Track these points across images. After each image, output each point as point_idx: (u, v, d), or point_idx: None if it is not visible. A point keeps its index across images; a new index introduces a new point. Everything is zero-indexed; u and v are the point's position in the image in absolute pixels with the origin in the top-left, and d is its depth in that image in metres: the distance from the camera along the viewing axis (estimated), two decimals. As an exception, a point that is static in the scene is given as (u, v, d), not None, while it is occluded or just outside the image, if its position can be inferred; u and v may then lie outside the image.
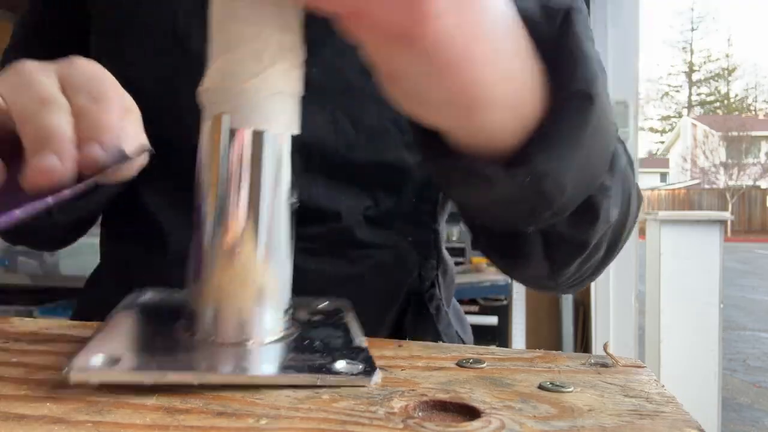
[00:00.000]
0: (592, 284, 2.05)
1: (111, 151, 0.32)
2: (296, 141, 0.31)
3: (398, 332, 0.55)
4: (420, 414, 0.25)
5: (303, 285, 0.51)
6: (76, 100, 0.34)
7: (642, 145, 38.80)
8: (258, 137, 0.28)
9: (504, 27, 0.30)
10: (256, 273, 0.29)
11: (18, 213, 0.28)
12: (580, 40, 0.33)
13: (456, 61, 0.27)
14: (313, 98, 0.49)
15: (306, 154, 0.48)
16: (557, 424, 0.23)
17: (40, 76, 0.35)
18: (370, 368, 0.28)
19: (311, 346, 0.30)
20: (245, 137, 0.28)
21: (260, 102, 0.28)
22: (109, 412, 0.24)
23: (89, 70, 0.36)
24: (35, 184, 0.30)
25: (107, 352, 0.27)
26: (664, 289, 2.12)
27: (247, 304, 0.29)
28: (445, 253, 0.59)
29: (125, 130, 0.34)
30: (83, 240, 0.60)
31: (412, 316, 0.55)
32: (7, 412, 0.24)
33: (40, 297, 1.92)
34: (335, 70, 0.48)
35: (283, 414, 0.24)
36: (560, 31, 0.33)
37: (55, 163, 0.30)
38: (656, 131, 39.29)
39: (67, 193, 0.30)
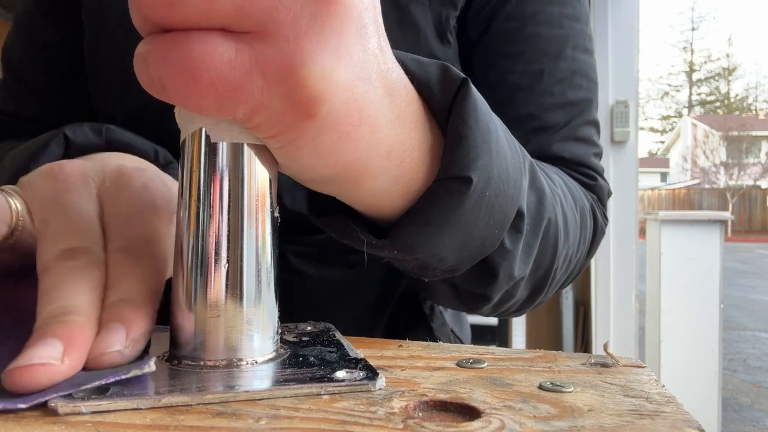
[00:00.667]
0: (593, 284, 2.05)
1: (137, 345, 0.27)
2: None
3: (392, 333, 0.55)
4: (420, 414, 0.25)
5: (302, 290, 0.52)
6: (113, 249, 0.30)
7: (642, 144, 38.80)
8: (236, 150, 0.27)
9: (390, 101, 0.27)
10: (243, 291, 0.28)
11: None
12: (468, 114, 0.30)
13: (338, 143, 0.26)
14: None
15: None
16: (557, 424, 0.23)
17: (79, 198, 0.31)
18: (372, 374, 0.27)
19: (307, 362, 0.29)
20: (223, 151, 0.27)
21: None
22: (109, 412, 0.24)
23: (137, 200, 0.32)
24: (18, 383, 0.23)
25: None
26: (665, 289, 2.12)
27: (236, 326, 0.28)
28: None
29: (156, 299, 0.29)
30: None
31: (406, 317, 0.56)
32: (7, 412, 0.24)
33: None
34: None
35: (283, 414, 0.24)
36: (453, 104, 0.31)
37: (53, 361, 0.24)
38: (656, 131, 39.31)
39: (43, 396, 0.23)
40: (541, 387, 0.28)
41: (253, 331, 0.28)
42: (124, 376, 0.25)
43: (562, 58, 0.52)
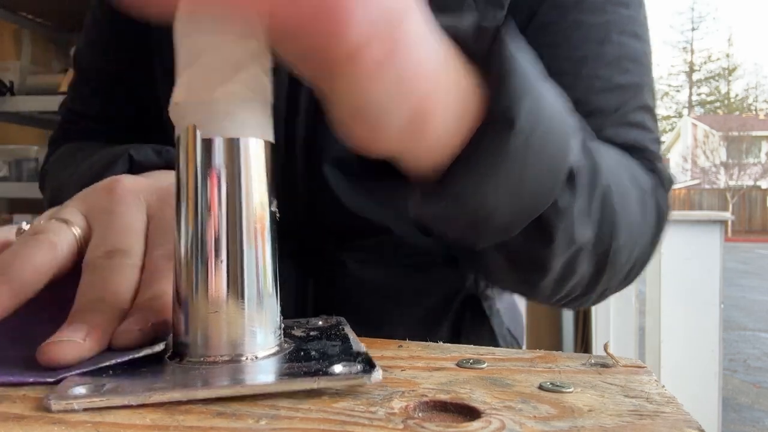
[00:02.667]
0: (593, 284, 2.05)
1: (156, 330, 0.30)
2: (340, 157, 0.29)
3: (455, 336, 0.55)
4: (420, 414, 0.25)
5: (362, 296, 0.52)
6: (153, 255, 0.33)
7: (642, 145, 38.59)
8: (231, 144, 0.27)
9: (431, 47, 0.29)
10: (243, 286, 0.28)
11: None
12: (506, 60, 0.31)
13: (400, 80, 0.27)
14: None
15: (350, 169, 0.50)
16: (557, 425, 0.23)
17: (130, 209, 0.34)
18: (369, 367, 0.27)
19: (308, 356, 0.29)
20: (218, 146, 0.27)
21: (229, 111, 0.27)
22: (109, 412, 0.24)
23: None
24: (47, 358, 0.27)
25: (90, 378, 0.26)
26: (665, 289, 2.12)
27: (237, 322, 0.28)
28: None
29: None
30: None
31: (470, 321, 0.56)
32: (7, 412, 0.24)
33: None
34: None
35: (282, 414, 0.24)
36: (490, 51, 0.32)
37: (78, 339, 0.28)
38: (656, 131, 39.22)
39: (69, 372, 0.27)
40: (541, 387, 0.28)
41: (254, 327, 0.28)
42: (136, 355, 0.28)
43: (607, 42, 0.50)
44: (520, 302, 0.70)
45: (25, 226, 0.35)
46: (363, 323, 0.42)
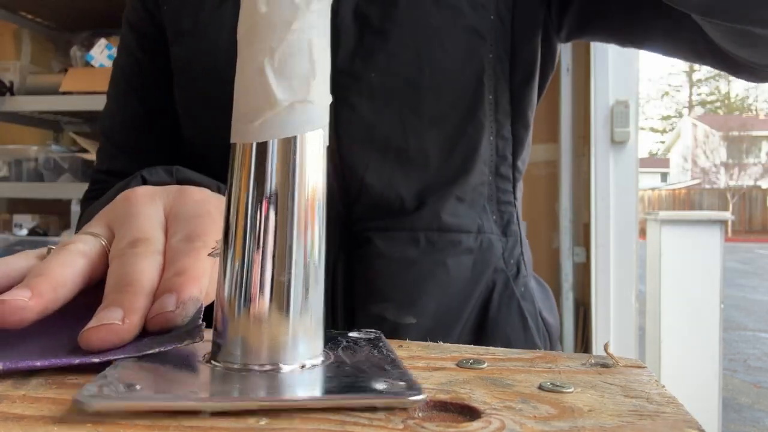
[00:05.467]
0: (593, 284, 2.05)
1: (187, 307, 0.31)
2: (370, 138, 0.28)
3: (484, 313, 0.55)
4: (420, 414, 0.25)
5: (388, 273, 0.53)
6: (172, 241, 0.35)
7: (642, 145, 38.76)
8: (287, 145, 0.27)
9: None
10: (289, 297, 0.28)
11: (38, 364, 0.27)
12: None
13: None
14: (378, 99, 0.52)
15: (381, 149, 0.52)
16: (558, 425, 0.23)
17: (147, 208, 0.37)
18: (412, 386, 0.26)
19: (349, 370, 0.28)
20: (274, 147, 0.27)
21: (289, 113, 0.28)
22: (109, 412, 0.24)
23: (196, 207, 0.37)
24: (89, 342, 0.28)
25: (122, 378, 0.25)
26: (665, 289, 2.12)
27: (280, 332, 0.27)
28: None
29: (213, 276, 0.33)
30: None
31: (498, 297, 0.56)
32: (7, 412, 0.24)
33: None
34: (391, 71, 0.52)
35: (282, 414, 0.24)
36: None
37: (116, 321, 0.29)
38: (657, 131, 39.29)
39: (114, 354, 0.28)
40: (541, 387, 0.27)
41: (297, 337, 0.28)
42: (179, 345, 0.29)
43: None
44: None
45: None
46: (392, 300, 0.43)
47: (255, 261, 0.27)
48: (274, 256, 0.27)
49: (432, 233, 0.53)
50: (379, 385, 0.26)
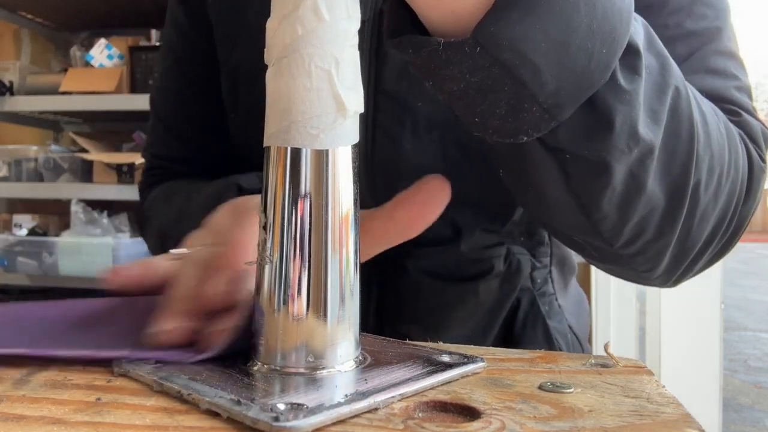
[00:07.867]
0: (593, 284, 2.05)
1: (244, 326, 0.31)
2: (408, 171, 0.28)
3: (509, 333, 0.55)
4: (420, 415, 0.25)
5: (419, 297, 0.53)
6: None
7: (642, 145, 38.57)
8: (320, 156, 0.28)
9: None
10: (327, 301, 0.28)
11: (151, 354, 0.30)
12: None
13: None
14: (421, 129, 0.51)
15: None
16: (558, 425, 0.23)
17: (248, 219, 0.36)
18: (468, 357, 0.29)
19: (398, 364, 0.29)
20: (305, 156, 0.28)
21: (352, 122, 0.29)
22: (109, 412, 0.24)
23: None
24: (153, 342, 0.31)
25: (277, 396, 0.25)
26: (665, 290, 2.12)
27: (319, 335, 0.28)
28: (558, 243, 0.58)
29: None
30: (83, 240, 0.62)
31: (523, 316, 0.55)
32: (7, 412, 0.24)
33: (39, 297, 1.92)
34: (439, 101, 0.49)
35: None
36: None
37: (168, 324, 0.32)
38: (657, 131, 39.28)
39: (193, 358, 0.30)
40: (541, 387, 0.27)
41: (336, 341, 0.28)
42: (218, 351, 0.30)
43: None
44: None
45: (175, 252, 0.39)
46: (419, 324, 0.43)
47: (293, 274, 0.28)
48: (311, 269, 0.28)
49: (465, 262, 0.52)
50: (445, 358, 0.29)
